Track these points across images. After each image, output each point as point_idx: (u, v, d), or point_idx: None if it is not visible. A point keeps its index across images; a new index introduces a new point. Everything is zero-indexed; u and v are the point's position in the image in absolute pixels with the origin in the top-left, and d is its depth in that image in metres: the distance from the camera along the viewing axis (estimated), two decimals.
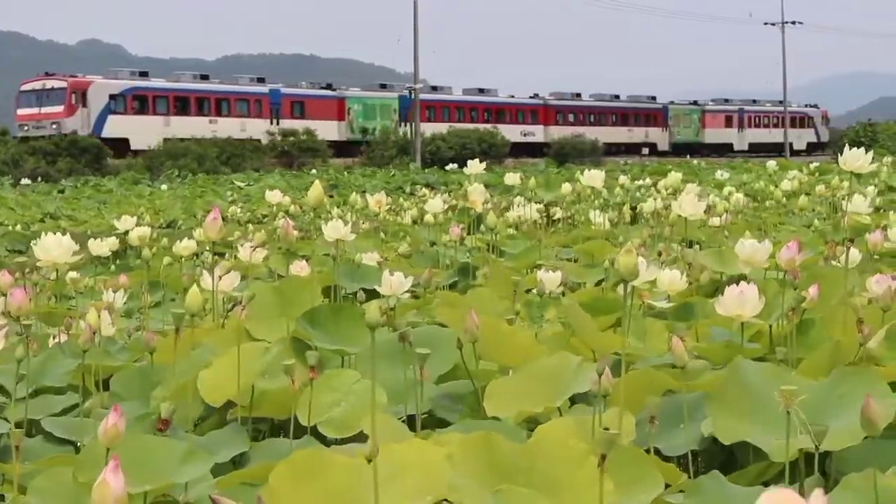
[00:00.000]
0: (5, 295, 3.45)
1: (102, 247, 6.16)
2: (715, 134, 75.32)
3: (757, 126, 78.88)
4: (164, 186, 34.01)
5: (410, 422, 3.11)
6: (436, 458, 2.30)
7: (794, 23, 75.36)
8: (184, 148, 48.30)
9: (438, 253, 7.13)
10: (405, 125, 60.50)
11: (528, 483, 2.26)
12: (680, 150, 69.49)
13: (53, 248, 3.85)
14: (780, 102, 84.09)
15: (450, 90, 69.06)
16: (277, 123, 56.80)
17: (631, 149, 68.29)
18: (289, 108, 58.26)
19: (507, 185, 12.66)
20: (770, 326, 3.63)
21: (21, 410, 3.29)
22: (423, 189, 22.39)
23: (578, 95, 73.40)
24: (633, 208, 10.30)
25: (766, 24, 76.05)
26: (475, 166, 7.39)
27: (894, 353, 3.14)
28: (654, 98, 77.79)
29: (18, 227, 17.78)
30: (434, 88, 67.71)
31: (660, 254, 5.87)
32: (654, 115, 73.94)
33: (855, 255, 4.21)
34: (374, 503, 2.15)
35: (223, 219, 3.42)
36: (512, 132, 62.96)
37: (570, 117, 68.86)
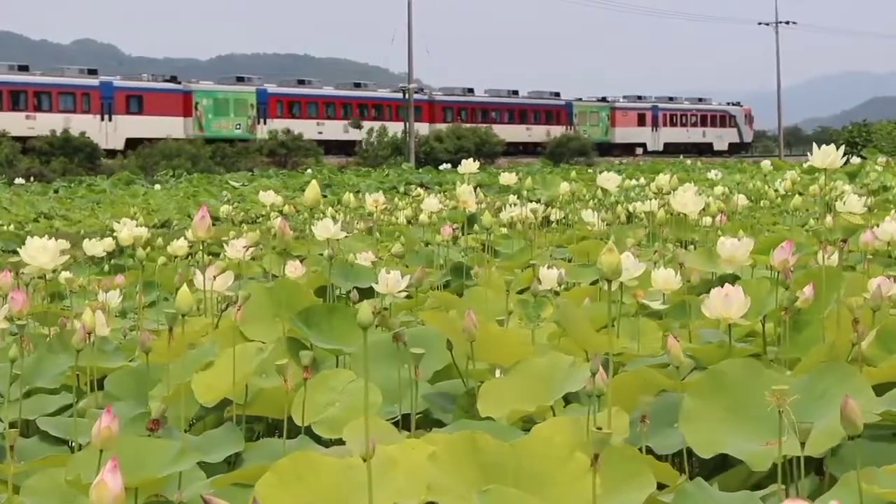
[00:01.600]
0: (4, 296, 3.44)
1: (97, 247, 6.16)
2: (626, 133, 70.39)
3: (673, 125, 73.81)
4: (157, 186, 33.99)
5: (405, 422, 3.12)
6: (423, 459, 2.31)
7: (787, 23, 75.34)
8: (177, 148, 48.19)
9: (433, 253, 7.14)
10: (264, 123, 56.65)
11: (515, 481, 2.26)
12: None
13: (39, 253, 3.72)
14: (700, 100, 78.98)
15: (320, 85, 63.50)
16: (110, 120, 51.92)
17: (531, 149, 63.38)
18: (123, 103, 52.79)
19: (501, 185, 12.68)
20: (763, 326, 3.64)
21: (15, 410, 3.29)
22: (418, 189, 22.39)
23: (471, 91, 67.89)
24: (628, 210, 10.31)
25: (760, 23, 76.08)
26: (469, 166, 7.39)
27: (885, 354, 3.15)
28: (557, 94, 72.12)
29: (12, 227, 17.77)
30: (301, 82, 62.61)
31: (654, 252, 5.88)
32: (556, 113, 68.39)
33: (834, 255, 4.24)
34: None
35: (217, 219, 3.42)
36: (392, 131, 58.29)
37: (462, 114, 63.36)
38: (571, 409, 3.16)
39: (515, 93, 69.98)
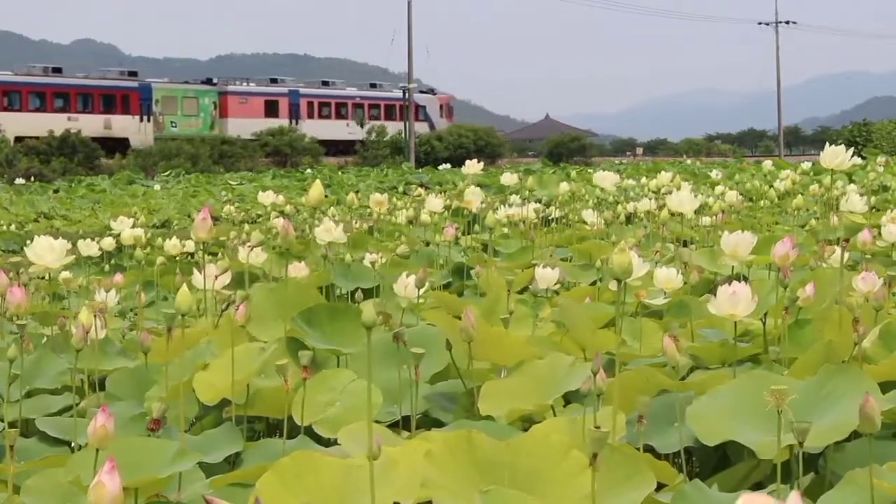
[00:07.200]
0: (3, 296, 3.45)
1: (91, 248, 6.17)
2: (245, 126, 53.56)
3: (323, 116, 58.16)
4: (157, 186, 33.97)
5: (405, 422, 3.11)
6: (421, 458, 2.31)
7: (787, 22, 75.27)
8: (177, 147, 48.19)
9: (433, 253, 7.13)
10: None
11: (511, 479, 2.26)
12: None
13: (46, 252, 3.71)
14: (373, 86, 63.68)
15: None
16: None
17: (107, 145, 48.49)
18: None
19: (500, 185, 12.68)
20: (764, 325, 3.64)
21: (15, 410, 3.29)
22: (419, 189, 22.40)
23: None
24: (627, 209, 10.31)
25: (760, 23, 76.05)
26: (472, 166, 7.39)
27: (887, 352, 3.15)
28: (134, 74, 55.46)
29: (13, 227, 17.77)
30: None
31: (655, 252, 5.88)
32: (121, 97, 51.62)
33: (837, 255, 4.23)
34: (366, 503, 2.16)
35: (217, 219, 3.42)
36: None
37: None
38: (571, 408, 3.16)
39: (58, 70, 52.92)
